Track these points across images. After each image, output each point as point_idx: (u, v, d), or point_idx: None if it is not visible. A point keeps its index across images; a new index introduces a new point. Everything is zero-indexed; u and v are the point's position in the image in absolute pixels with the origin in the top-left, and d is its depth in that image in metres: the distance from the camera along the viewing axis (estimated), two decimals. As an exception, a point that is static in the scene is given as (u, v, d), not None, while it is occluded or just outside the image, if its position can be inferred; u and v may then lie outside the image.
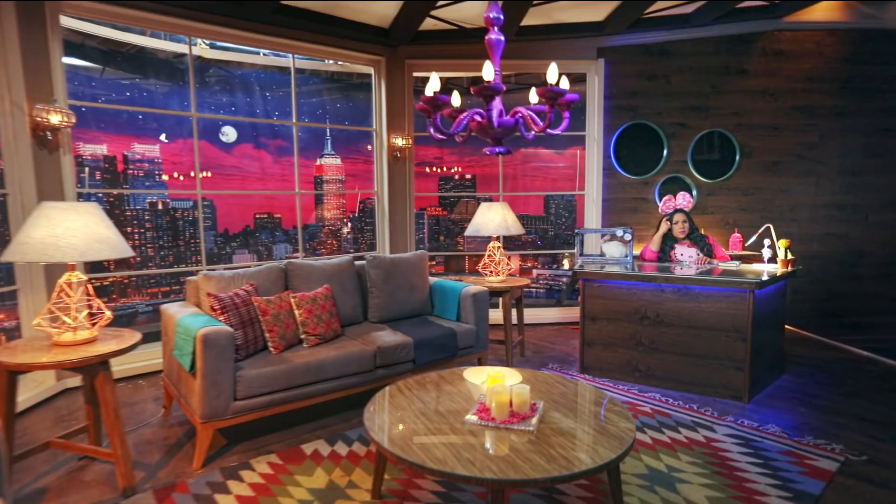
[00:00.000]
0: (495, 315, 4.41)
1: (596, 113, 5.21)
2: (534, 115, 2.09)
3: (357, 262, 3.83)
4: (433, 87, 2.00)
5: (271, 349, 2.98)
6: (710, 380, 3.38)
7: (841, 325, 5.24)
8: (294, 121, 4.80)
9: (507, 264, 4.23)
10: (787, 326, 4.08)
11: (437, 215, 7.96)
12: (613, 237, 4.15)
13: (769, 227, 3.72)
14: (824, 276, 5.19)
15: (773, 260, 3.70)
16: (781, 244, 3.58)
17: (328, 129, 7.35)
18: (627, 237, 3.99)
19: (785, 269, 3.54)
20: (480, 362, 3.73)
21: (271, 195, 7.14)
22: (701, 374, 3.41)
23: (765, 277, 3.26)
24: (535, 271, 7.62)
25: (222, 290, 3.04)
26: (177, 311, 2.94)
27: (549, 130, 2.09)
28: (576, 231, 4.23)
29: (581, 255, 4.22)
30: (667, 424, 2.94)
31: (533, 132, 2.27)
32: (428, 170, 7.68)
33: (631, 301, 3.63)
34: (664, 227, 4.13)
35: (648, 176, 5.24)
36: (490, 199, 5.97)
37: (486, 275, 4.16)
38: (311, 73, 6.96)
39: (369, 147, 5.56)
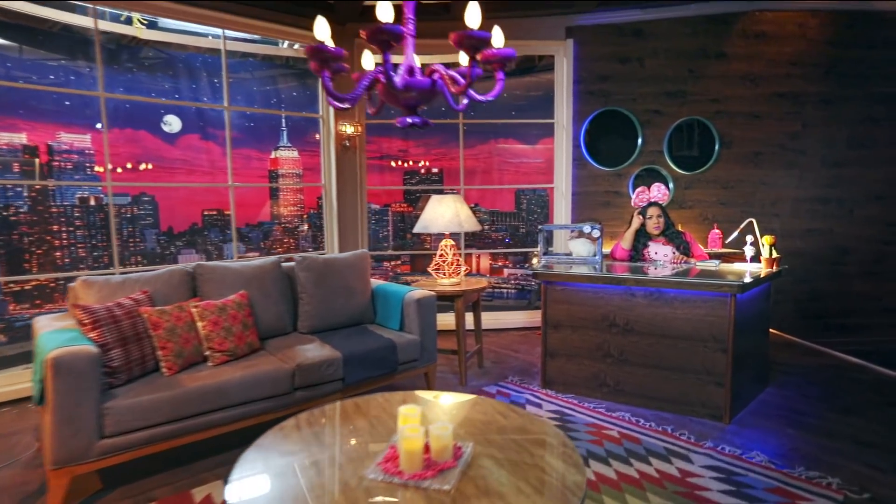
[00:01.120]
0: (452, 322, 3.95)
1: (565, 98, 4.77)
2: (456, 76, 1.62)
3: (287, 264, 3.33)
4: (320, 32, 1.51)
5: (164, 370, 2.46)
6: (687, 396, 2.96)
7: (826, 327, 4.89)
8: (225, 104, 4.27)
9: (462, 264, 3.76)
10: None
11: (402, 212, 7.47)
12: (581, 234, 3.71)
13: (752, 222, 3.32)
14: (808, 275, 4.83)
15: (756, 258, 3.30)
16: (765, 241, 3.18)
17: (283, 120, 6.80)
18: (596, 234, 3.56)
19: (769, 269, 3.14)
20: (428, 378, 3.26)
21: (220, 189, 6.57)
22: (676, 389, 2.99)
23: (747, 279, 2.85)
24: (506, 271, 7.19)
25: (105, 298, 2.51)
26: (45, 326, 2.41)
27: (473, 94, 1.62)
28: (539, 227, 3.79)
29: (545, 253, 3.78)
30: (636, 453, 2.50)
31: (464, 102, 1.80)
32: (393, 164, 7.19)
33: (598, 306, 3.19)
34: (637, 222, 3.70)
35: (622, 167, 4.82)
36: (457, 193, 5.50)
37: (438, 277, 3.69)
38: (264, 58, 6.38)
39: (317, 136, 5.04)
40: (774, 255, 3.16)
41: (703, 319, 2.88)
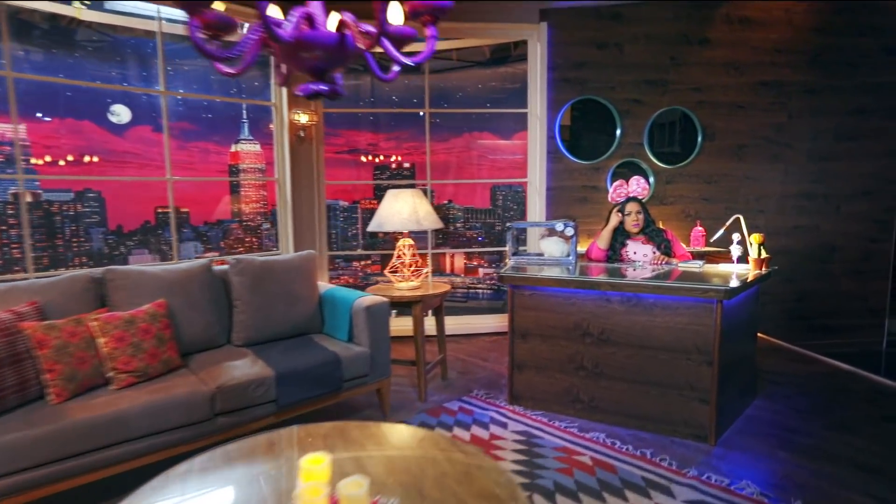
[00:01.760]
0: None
1: (539, 86, 4.43)
2: (369, 29, 1.26)
3: (220, 268, 2.93)
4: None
5: (52, 397, 2.06)
6: (668, 414, 2.64)
7: (810, 328, 4.66)
8: (161, 89, 3.84)
9: (426, 265, 3.40)
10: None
11: (372, 209, 7.10)
12: (553, 232, 3.38)
13: (739, 219, 3.02)
14: (793, 274, 4.58)
15: (743, 259, 3.00)
16: (754, 240, 2.88)
17: (245, 111, 6.36)
18: (569, 232, 3.23)
19: (758, 271, 2.84)
20: (381, 394, 2.89)
21: (176, 185, 6.13)
22: (656, 406, 2.67)
23: (734, 283, 2.55)
24: (480, 270, 6.87)
25: (-19, 312, 2.10)
26: None
27: (395, 53, 1.26)
28: (507, 225, 3.45)
29: (514, 254, 3.44)
30: (610, 485, 2.17)
31: (395, 70, 1.45)
32: (364, 158, 6.83)
33: (570, 313, 2.86)
34: (615, 219, 3.37)
35: (599, 160, 4.51)
36: (429, 190, 5.16)
37: (395, 280, 3.32)
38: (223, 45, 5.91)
39: (272, 126, 4.63)
40: (763, 254, 2.87)
41: (687, 328, 2.57)
